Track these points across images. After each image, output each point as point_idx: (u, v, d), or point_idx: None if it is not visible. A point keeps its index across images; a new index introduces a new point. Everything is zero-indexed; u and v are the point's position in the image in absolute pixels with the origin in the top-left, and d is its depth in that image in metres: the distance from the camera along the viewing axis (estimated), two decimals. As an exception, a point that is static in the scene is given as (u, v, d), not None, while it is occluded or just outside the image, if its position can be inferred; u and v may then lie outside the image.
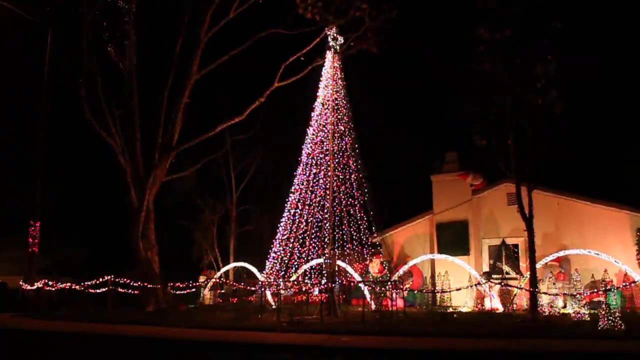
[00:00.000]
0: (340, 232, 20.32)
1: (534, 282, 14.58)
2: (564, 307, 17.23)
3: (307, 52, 21.20)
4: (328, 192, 19.38)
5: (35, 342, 13.09)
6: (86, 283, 19.80)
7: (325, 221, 19.49)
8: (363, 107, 22.26)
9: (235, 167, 30.71)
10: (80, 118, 20.17)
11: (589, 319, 14.02)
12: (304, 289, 20.55)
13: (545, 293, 17.27)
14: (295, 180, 21.06)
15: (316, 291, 20.37)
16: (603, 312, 12.12)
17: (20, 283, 20.75)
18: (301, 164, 20.92)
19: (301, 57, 21.22)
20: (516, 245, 19.82)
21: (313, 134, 20.82)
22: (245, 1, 20.96)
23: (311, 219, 20.40)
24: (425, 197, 22.26)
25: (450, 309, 18.19)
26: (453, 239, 20.82)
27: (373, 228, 20.87)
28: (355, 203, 20.56)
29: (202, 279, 24.07)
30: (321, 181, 20.09)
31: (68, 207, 34.86)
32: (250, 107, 21.48)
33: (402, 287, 18.26)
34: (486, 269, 19.88)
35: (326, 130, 20.26)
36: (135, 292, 19.69)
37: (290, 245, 20.60)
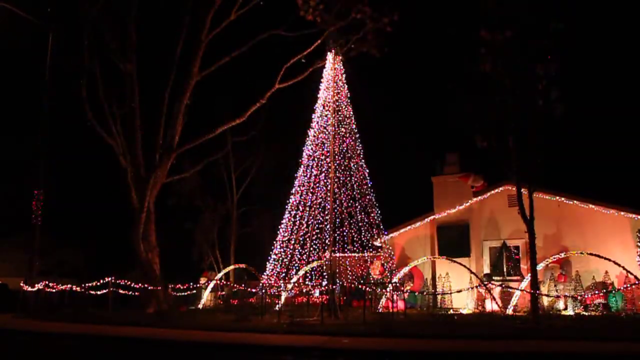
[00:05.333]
0: (341, 234, 20.29)
1: (534, 283, 14.57)
2: (565, 308, 17.22)
3: (308, 53, 21.24)
4: (329, 194, 19.37)
5: (35, 343, 13.08)
6: (87, 284, 19.77)
7: (326, 223, 19.47)
8: (364, 109, 22.26)
9: (236, 169, 30.73)
10: (81, 119, 20.22)
11: (589, 320, 14.01)
12: (304, 290, 20.52)
13: (546, 295, 17.27)
14: (296, 182, 21.03)
15: (317, 293, 20.35)
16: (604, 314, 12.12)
17: (21, 284, 20.74)
18: (302, 166, 20.90)
19: (302, 58, 21.25)
20: (517, 247, 19.78)
21: (314, 136, 20.81)
22: (246, 3, 21.01)
23: (312, 220, 20.36)
24: (426, 198, 22.23)
25: (451, 311, 18.18)
26: (454, 240, 20.78)
27: (374, 230, 20.83)
28: (356, 205, 20.52)
29: (202, 280, 24.03)
30: (322, 182, 20.06)
31: (69, 209, 34.90)
32: (252, 109, 21.52)
33: (402, 288, 18.23)
34: (487, 270, 19.85)
35: (327, 132, 20.25)
36: (136, 293, 19.68)
37: (291, 247, 20.56)
